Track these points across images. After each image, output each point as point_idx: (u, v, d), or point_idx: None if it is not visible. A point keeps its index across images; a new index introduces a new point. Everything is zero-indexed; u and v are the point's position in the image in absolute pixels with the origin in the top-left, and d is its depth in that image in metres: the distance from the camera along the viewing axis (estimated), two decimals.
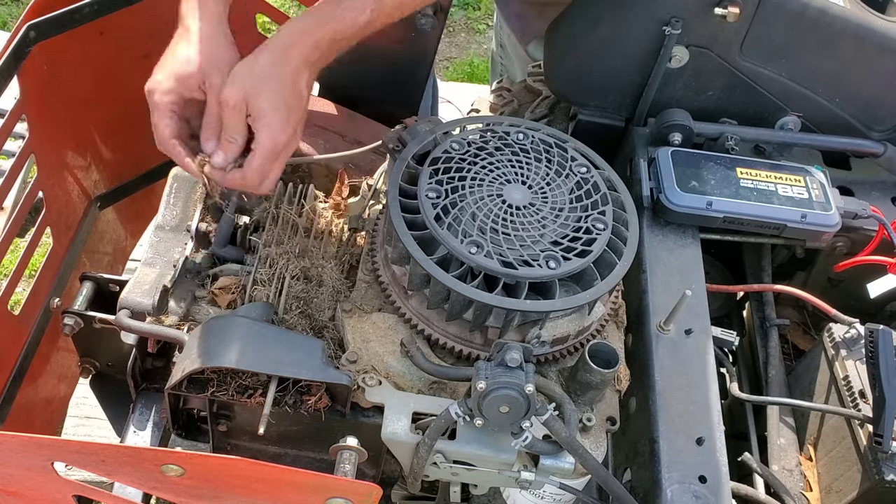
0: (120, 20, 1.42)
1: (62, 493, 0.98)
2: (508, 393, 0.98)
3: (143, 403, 1.35)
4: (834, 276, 1.60)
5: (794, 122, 1.56)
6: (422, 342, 1.15)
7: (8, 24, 3.42)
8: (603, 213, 1.17)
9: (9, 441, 0.85)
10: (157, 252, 1.28)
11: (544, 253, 1.11)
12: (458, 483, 1.20)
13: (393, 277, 1.17)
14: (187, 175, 1.35)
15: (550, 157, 1.23)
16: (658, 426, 1.21)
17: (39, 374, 1.47)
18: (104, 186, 1.62)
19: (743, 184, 1.44)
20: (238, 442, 1.18)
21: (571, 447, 1.02)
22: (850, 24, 1.45)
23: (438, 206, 1.13)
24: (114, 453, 0.87)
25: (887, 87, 1.52)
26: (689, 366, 1.28)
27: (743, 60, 1.49)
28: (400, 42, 1.55)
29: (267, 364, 1.05)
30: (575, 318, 1.15)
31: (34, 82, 1.34)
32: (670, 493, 1.16)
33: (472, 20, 3.86)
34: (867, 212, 1.47)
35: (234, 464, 0.87)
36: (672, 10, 1.42)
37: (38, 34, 1.31)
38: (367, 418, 1.12)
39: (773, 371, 1.50)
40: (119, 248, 1.75)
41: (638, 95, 1.56)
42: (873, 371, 1.29)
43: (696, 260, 1.41)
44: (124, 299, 1.20)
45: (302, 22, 1.18)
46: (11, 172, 1.34)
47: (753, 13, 1.43)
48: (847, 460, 1.32)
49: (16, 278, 1.36)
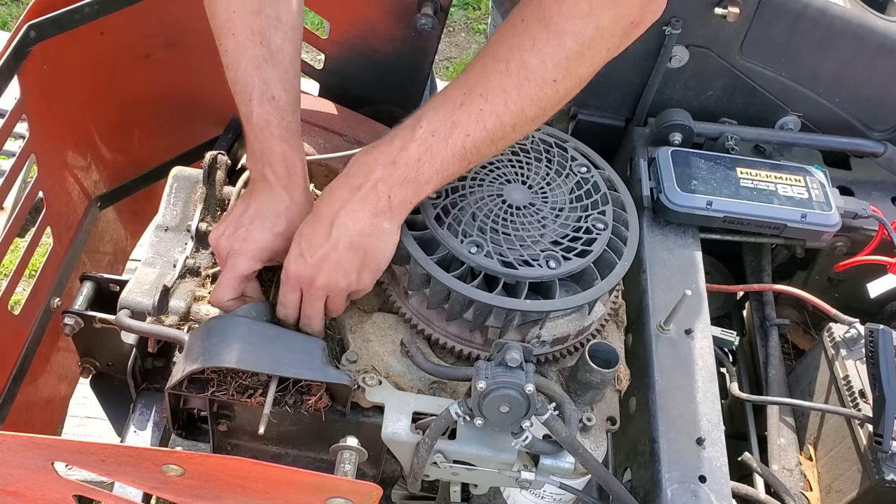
0: (120, 20, 1.42)
1: (62, 493, 0.98)
2: (508, 393, 0.98)
3: (143, 403, 1.35)
4: (834, 276, 1.60)
5: (794, 122, 1.56)
6: (422, 342, 1.15)
7: (8, 24, 3.42)
8: (603, 213, 1.17)
9: (9, 441, 0.85)
10: (157, 252, 1.28)
11: (544, 253, 1.11)
12: (458, 483, 1.20)
13: (393, 277, 1.17)
14: (187, 175, 1.35)
15: (550, 157, 1.23)
16: (658, 426, 1.21)
17: (39, 374, 1.47)
18: (104, 186, 1.62)
19: (743, 184, 1.44)
20: (238, 442, 1.18)
21: (571, 447, 1.02)
22: (850, 24, 1.45)
23: (438, 206, 1.13)
24: (114, 453, 0.87)
25: (887, 87, 1.52)
26: (689, 366, 1.28)
27: (743, 60, 1.49)
28: (400, 42, 1.55)
29: (267, 364, 1.05)
30: (575, 317, 1.15)
31: (34, 82, 1.34)
32: (670, 493, 1.16)
33: (472, 20, 3.86)
34: (867, 212, 1.48)
35: (234, 464, 0.87)
36: (672, 10, 1.42)
37: (38, 34, 1.31)
38: (367, 418, 1.12)
39: (773, 371, 1.50)
40: (119, 248, 1.74)
41: (638, 95, 1.56)
42: (873, 371, 1.29)
43: (696, 260, 1.41)
44: (124, 299, 1.20)
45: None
46: (11, 172, 1.34)
47: (753, 13, 1.43)
48: (847, 460, 1.32)
49: (16, 278, 1.36)
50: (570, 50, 0.98)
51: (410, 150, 1.02)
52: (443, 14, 1.50)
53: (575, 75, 1.01)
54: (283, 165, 1.14)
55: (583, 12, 0.97)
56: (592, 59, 1.01)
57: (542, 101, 1.01)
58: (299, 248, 1.08)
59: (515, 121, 1.02)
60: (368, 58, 1.58)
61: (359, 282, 1.09)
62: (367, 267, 1.08)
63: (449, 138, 1.01)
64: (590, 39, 0.98)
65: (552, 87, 1.00)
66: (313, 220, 1.08)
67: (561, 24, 0.97)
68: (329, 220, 1.05)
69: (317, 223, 1.07)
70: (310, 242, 1.07)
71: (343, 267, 1.06)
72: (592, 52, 1.00)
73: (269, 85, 1.14)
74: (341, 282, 1.08)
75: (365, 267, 1.07)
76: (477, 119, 1.01)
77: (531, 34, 0.99)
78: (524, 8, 1.01)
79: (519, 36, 1.00)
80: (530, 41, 0.99)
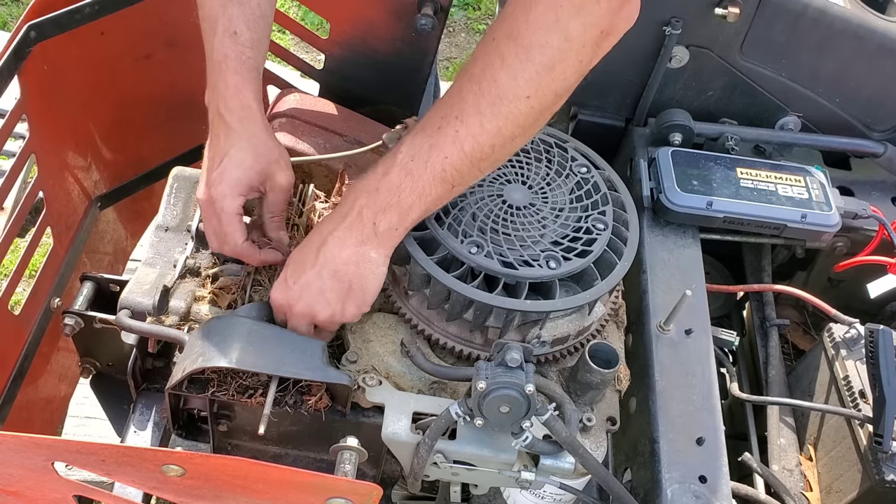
0: (120, 20, 1.42)
1: (62, 493, 0.98)
2: (509, 393, 0.98)
3: (143, 403, 1.35)
4: (834, 276, 1.60)
5: (794, 122, 1.56)
6: (422, 342, 1.15)
7: (8, 24, 3.42)
8: (603, 213, 1.17)
9: (9, 441, 0.85)
10: (157, 252, 1.28)
11: (544, 253, 1.11)
12: (458, 483, 1.20)
13: (393, 277, 1.17)
14: (188, 175, 1.35)
15: (550, 158, 1.23)
16: (658, 426, 1.22)
17: (40, 374, 1.47)
18: (104, 186, 1.62)
19: (743, 184, 1.44)
20: (238, 442, 1.18)
21: (572, 447, 1.02)
22: (850, 24, 1.45)
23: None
24: (114, 453, 0.87)
25: (887, 87, 1.52)
26: (689, 366, 1.28)
27: (743, 60, 1.49)
28: (400, 42, 1.55)
29: (267, 364, 1.05)
30: (575, 318, 1.15)
31: (34, 82, 1.34)
32: (670, 493, 1.16)
33: (472, 20, 3.86)
34: (867, 212, 1.48)
35: (234, 464, 0.87)
36: (672, 10, 1.42)
37: (38, 34, 1.31)
38: (367, 418, 1.12)
39: (773, 371, 1.50)
40: (119, 248, 1.74)
41: (638, 95, 1.56)
42: (873, 371, 1.29)
43: (696, 260, 1.41)
44: (125, 299, 1.20)
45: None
46: (11, 172, 1.34)
47: (753, 13, 1.43)
48: (847, 460, 1.32)
49: (16, 278, 1.36)
50: (539, 64, 0.96)
51: (391, 176, 1.03)
52: (443, 14, 1.50)
53: (549, 90, 0.99)
54: (238, 101, 1.15)
55: (549, 23, 0.95)
56: (564, 73, 0.99)
57: (518, 119, 1.00)
58: (285, 274, 1.09)
59: (493, 141, 1.01)
60: (368, 58, 1.58)
61: (342, 313, 1.08)
62: (352, 298, 1.07)
63: (427, 162, 1.01)
64: (559, 51, 0.96)
65: (526, 104, 0.99)
66: (302, 248, 1.09)
67: (528, 38, 0.96)
68: (316, 247, 1.06)
69: (305, 250, 1.08)
70: (295, 269, 1.08)
71: (325, 296, 1.06)
72: (563, 66, 0.98)
73: (233, 21, 1.15)
74: (323, 311, 1.07)
75: (349, 298, 1.07)
76: (453, 141, 1.00)
77: (500, 51, 0.98)
78: (497, 25, 1.00)
79: (490, 54, 0.99)
80: (500, 58, 0.97)
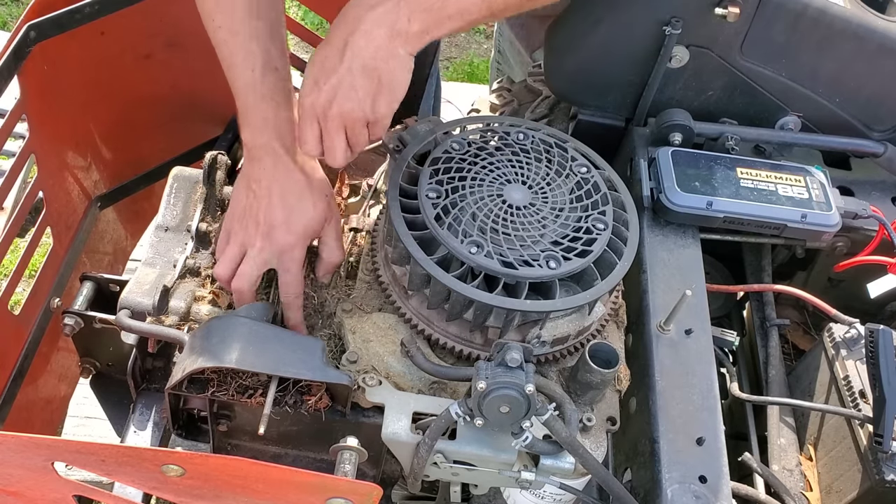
0: (120, 20, 1.42)
1: (62, 493, 0.98)
2: (509, 393, 0.98)
3: (143, 403, 1.35)
4: (834, 276, 1.60)
5: (795, 122, 1.56)
6: (422, 342, 1.15)
7: (8, 24, 3.42)
8: (603, 213, 1.17)
9: (9, 441, 0.85)
10: (157, 252, 1.28)
11: (544, 253, 1.11)
12: (458, 483, 1.20)
13: (393, 277, 1.17)
14: (187, 175, 1.35)
15: (550, 157, 1.23)
16: (658, 426, 1.21)
17: (39, 374, 1.47)
18: (104, 186, 1.62)
19: (743, 184, 1.44)
20: (238, 442, 1.18)
21: (572, 447, 1.02)
22: (850, 24, 1.45)
23: (439, 206, 1.13)
24: (114, 453, 0.87)
25: (887, 87, 1.52)
26: (689, 366, 1.28)
27: (743, 60, 1.49)
28: None
29: (267, 364, 1.05)
30: (575, 318, 1.15)
31: (34, 82, 1.34)
32: (670, 493, 1.16)
33: None
34: (867, 212, 1.47)
35: (234, 464, 0.87)
36: (672, 10, 1.42)
37: (38, 34, 1.31)
38: (367, 418, 1.12)
39: (773, 371, 1.50)
40: (119, 248, 1.75)
41: (638, 95, 1.56)
42: (873, 371, 1.29)
43: (696, 260, 1.41)
44: (124, 299, 1.20)
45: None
46: (11, 172, 1.34)
47: (753, 13, 1.43)
48: (847, 460, 1.32)
49: (16, 278, 1.36)
50: None
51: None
52: None
53: None
54: (292, 132, 1.11)
55: None
56: None
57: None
58: (313, 77, 1.02)
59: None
60: None
61: (374, 110, 1.03)
62: (382, 94, 1.02)
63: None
64: None
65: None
66: (326, 44, 1.02)
67: None
68: (342, 42, 1.00)
69: (329, 47, 1.01)
70: (322, 68, 1.01)
71: (357, 93, 1.01)
72: None
73: (272, 56, 1.12)
74: (356, 110, 1.02)
75: (380, 94, 1.02)
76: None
77: None
78: None
79: None
80: None
